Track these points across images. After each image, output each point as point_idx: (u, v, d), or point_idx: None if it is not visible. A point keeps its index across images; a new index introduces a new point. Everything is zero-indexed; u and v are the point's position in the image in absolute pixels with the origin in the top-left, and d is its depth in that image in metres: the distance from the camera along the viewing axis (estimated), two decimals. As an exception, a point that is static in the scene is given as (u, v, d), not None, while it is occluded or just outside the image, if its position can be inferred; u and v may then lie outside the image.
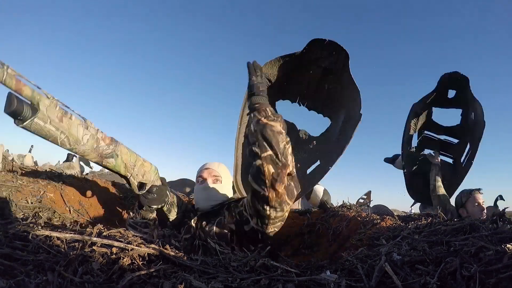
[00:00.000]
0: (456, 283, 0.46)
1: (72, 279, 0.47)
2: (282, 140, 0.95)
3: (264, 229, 1.02)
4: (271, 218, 0.97)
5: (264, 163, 0.91)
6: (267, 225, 1.00)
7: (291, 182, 0.97)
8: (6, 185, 1.16)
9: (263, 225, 1.01)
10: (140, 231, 1.16)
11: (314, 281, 0.53)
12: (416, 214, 1.60)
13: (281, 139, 0.94)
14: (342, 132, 1.85)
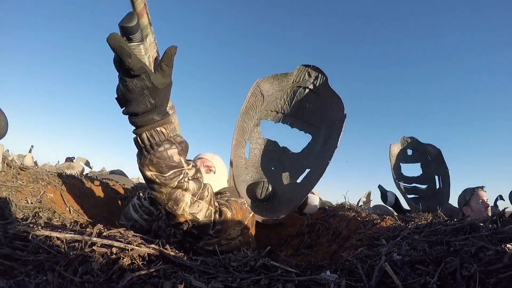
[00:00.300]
0: (456, 283, 0.46)
1: (72, 279, 0.47)
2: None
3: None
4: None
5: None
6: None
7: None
8: (6, 185, 1.16)
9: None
10: (140, 215, 1.17)
11: (314, 281, 0.53)
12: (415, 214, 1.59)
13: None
14: (328, 137, 1.95)
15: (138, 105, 0.71)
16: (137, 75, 0.68)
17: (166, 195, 0.79)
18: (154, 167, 0.75)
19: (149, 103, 0.71)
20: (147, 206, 1.18)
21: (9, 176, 1.26)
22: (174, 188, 0.79)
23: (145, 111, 0.72)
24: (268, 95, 1.95)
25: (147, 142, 0.75)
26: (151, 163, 0.75)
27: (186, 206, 0.82)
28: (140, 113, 0.72)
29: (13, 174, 1.29)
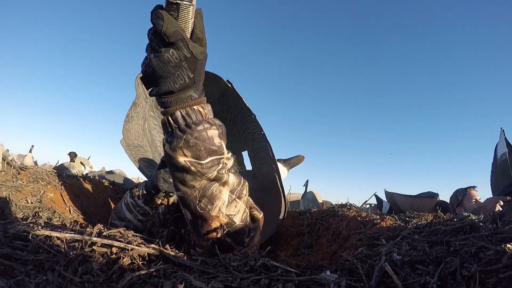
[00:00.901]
0: (456, 283, 0.46)
1: (72, 279, 0.47)
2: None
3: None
4: None
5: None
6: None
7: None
8: (6, 185, 1.16)
9: None
10: (135, 216, 1.06)
11: (314, 281, 0.53)
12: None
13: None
14: (234, 114, 1.75)
15: (175, 80, 0.60)
16: (173, 43, 0.58)
17: (200, 190, 0.64)
18: (190, 150, 0.61)
19: (187, 77, 0.60)
20: (142, 206, 1.07)
21: (9, 176, 1.26)
22: (212, 180, 0.65)
23: (182, 88, 0.61)
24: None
25: (181, 121, 0.63)
26: (186, 145, 0.61)
27: (222, 206, 0.66)
28: (177, 91, 0.61)
29: (13, 174, 1.30)
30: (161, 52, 0.58)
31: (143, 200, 1.07)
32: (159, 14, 0.56)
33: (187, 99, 0.63)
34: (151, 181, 1.05)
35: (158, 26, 0.56)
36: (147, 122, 1.85)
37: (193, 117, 0.63)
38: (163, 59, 0.58)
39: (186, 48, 0.58)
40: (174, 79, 0.60)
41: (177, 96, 0.62)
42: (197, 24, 0.60)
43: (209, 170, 0.64)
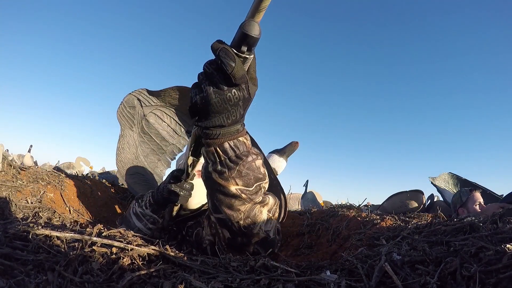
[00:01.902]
0: (456, 283, 0.46)
1: (72, 279, 0.47)
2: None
3: None
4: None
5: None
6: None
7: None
8: (6, 185, 1.16)
9: None
10: (145, 224, 1.08)
11: (314, 281, 0.53)
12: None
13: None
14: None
15: (229, 116, 0.63)
16: (237, 84, 0.60)
17: (245, 213, 0.70)
18: (242, 179, 0.67)
19: (239, 114, 0.63)
20: (151, 215, 1.09)
21: (9, 176, 1.26)
22: (256, 203, 0.71)
23: (233, 123, 0.65)
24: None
25: (231, 152, 0.67)
26: (239, 175, 0.66)
27: (263, 224, 0.73)
28: (227, 125, 0.64)
29: (13, 174, 1.30)
30: (223, 90, 0.60)
31: (151, 209, 1.10)
32: (230, 55, 0.57)
33: (234, 132, 0.66)
34: (160, 193, 1.06)
35: (228, 68, 0.57)
36: (138, 148, 1.87)
37: (240, 148, 0.68)
38: (224, 98, 0.60)
39: (247, 90, 0.61)
40: (228, 115, 0.63)
41: (226, 129, 0.65)
42: (251, 64, 0.63)
43: (256, 195, 0.70)
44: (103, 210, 1.59)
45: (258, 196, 0.71)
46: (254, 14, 0.59)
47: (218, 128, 0.65)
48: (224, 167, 0.67)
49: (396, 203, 2.78)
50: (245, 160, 0.67)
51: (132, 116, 1.75)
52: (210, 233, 1.09)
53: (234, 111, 0.63)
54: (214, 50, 0.58)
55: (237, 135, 0.67)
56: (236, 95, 0.61)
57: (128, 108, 1.71)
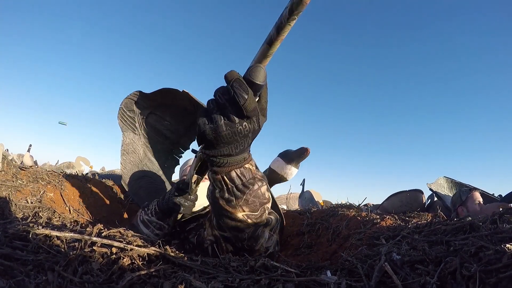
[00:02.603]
0: (456, 283, 0.46)
1: (72, 279, 0.47)
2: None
3: None
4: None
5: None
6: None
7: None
8: (6, 185, 1.16)
9: None
10: (152, 231, 1.11)
11: (314, 281, 0.53)
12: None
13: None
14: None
15: (237, 146, 0.64)
16: (249, 117, 0.60)
17: (249, 233, 0.73)
18: (249, 206, 0.70)
19: (247, 144, 0.65)
20: (157, 221, 1.12)
21: (9, 176, 1.26)
22: (260, 225, 0.74)
23: (240, 152, 0.66)
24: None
25: (238, 181, 0.68)
26: (246, 203, 0.69)
27: (264, 242, 0.77)
28: (235, 154, 0.66)
29: (13, 174, 1.29)
30: (235, 123, 0.60)
31: (156, 217, 1.13)
32: (244, 87, 0.57)
33: (241, 160, 0.68)
34: (166, 203, 1.09)
35: (241, 100, 0.57)
36: (145, 150, 1.86)
37: (246, 176, 0.69)
38: (235, 131, 0.61)
39: (257, 122, 0.62)
40: (236, 146, 0.64)
41: (234, 158, 0.66)
42: (263, 95, 0.63)
43: (261, 218, 0.73)
44: (103, 210, 1.59)
45: (262, 218, 0.74)
46: (262, 59, 0.60)
47: (225, 157, 0.65)
48: (232, 195, 0.69)
49: (395, 203, 2.79)
50: (251, 189, 0.69)
51: (133, 119, 1.74)
52: (211, 234, 1.10)
53: (243, 142, 0.64)
54: (228, 80, 0.58)
55: (244, 163, 0.69)
56: (246, 127, 0.61)
57: (128, 112, 1.69)
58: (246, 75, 0.60)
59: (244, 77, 0.59)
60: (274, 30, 0.57)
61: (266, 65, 0.62)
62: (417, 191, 2.75)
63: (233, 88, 0.57)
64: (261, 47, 0.60)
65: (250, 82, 0.59)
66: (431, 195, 2.93)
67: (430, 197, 2.96)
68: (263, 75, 0.59)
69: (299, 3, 0.52)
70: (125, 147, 1.76)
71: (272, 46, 0.58)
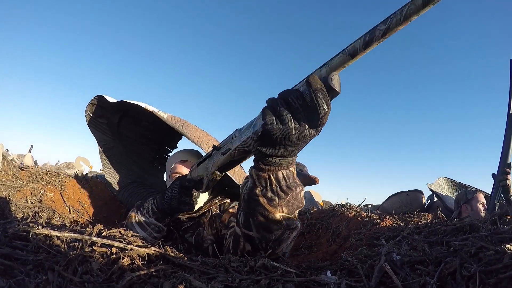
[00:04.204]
0: (456, 283, 0.46)
1: (72, 279, 0.47)
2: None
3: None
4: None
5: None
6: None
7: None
8: (6, 185, 1.16)
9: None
10: (149, 234, 1.05)
11: (314, 281, 0.53)
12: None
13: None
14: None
15: (295, 150, 0.66)
16: (317, 127, 0.63)
17: (276, 235, 0.73)
18: (288, 208, 0.71)
19: (301, 148, 0.68)
20: (156, 223, 1.06)
21: (9, 176, 1.26)
22: (288, 229, 0.74)
23: (294, 155, 0.69)
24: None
25: (283, 182, 0.70)
26: (287, 204, 0.70)
27: (285, 246, 0.77)
28: (289, 157, 0.68)
29: (13, 174, 1.30)
30: (305, 129, 0.61)
31: (154, 217, 1.06)
32: (327, 100, 0.58)
33: (291, 162, 0.70)
34: (167, 203, 1.03)
35: (322, 111, 0.58)
36: (126, 154, 1.74)
37: (290, 178, 0.71)
38: (302, 136, 0.62)
39: (319, 132, 0.64)
40: (295, 149, 0.66)
41: (286, 160, 0.68)
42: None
43: (293, 221, 0.73)
44: (103, 210, 1.59)
45: (294, 222, 0.74)
46: (338, 68, 0.61)
47: (280, 158, 0.67)
48: (275, 195, 0.69)
49: (395, 203, 2.79)
50: (294, 192, 0.70)
51: (106, 125, 1.63)
52: (211, 233, 1.09)
53: (301, 147, 0.66)
54: (313, 88, 0.58)
55: (291, 166, 0.70)
56: (312, 135, 0.63)
57: (98, 118, 1.58)
58: (327, 81, 0.60)
59: (323, 82, 0.59)
60: (361, 44, 0.57)
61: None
62: (417, 191, 2.76)
63: (316, 98, 0.58)
64: (341, 57, 0.60)
65: (330, 88, 0.59)
66: (431, 196, 2.94)
67: (430, 198, 2.97)
68: (340, 84, 0.60)
69: (397, 26, 0.53)
70: (105, 154, 1.66)
71: (354, 59, 0.59)
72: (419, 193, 2.75)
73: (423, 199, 2.77)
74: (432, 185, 2.86)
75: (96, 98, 1.52)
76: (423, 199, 2.76)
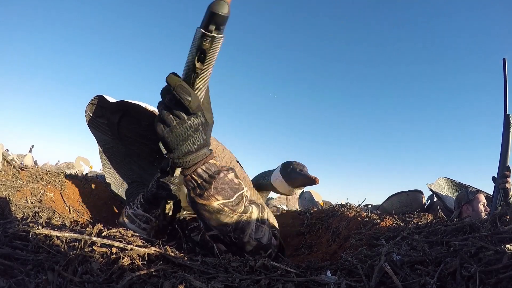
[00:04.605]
0: (456, 283, 0.46)
1: (72, 279, 0.47)
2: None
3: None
4: None
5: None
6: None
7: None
8: (6, 185, 1.16)
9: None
10: (138, 225, 1.06)
11: (314, 281, 0.53)
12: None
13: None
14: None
15: (194, 142, 0.72)
16: (195, 113, 0.69)
17: (232, 225, 0.77)
18: (220, 194, 0.74)
19: (202, 138, 0.73)
20: (143, 214, 1.08)
21: (9, 176, 1.26)
22: (241, 213, 0.77)
23: (199, 148, 0.73)
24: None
25: (204, 175, 0.74)
26: (216, 191, 0.73)
27: (252, 232, 0.80)
28: (195, 150, 0.72)
29: (13, 174, 1.30)
30: (184, 119, 0.69)
31: (142, 209, 1.09)
32: (186, 90, 0.66)
33: (202, 156, 0.74)
34: (149, 190, 1.07)
35: (186, 101, 0.66)
36: (127, 155, 1.74)
37: (212, 169, 0.75)
38: (185, 126, 0.70)
39: (203, 116, 0.71)
40: (193, 141, 0.72)
41: (195, 155, 0.73)
42: (206, 97, 0.73)
43: (238, 206, 0.76)
44: (103, 210, 1.59)
45: (240, 206, 0.77)
46: None
47: (187, 155, 0.72)
48: (202, 189, 0.74)
49: (395, 203, 2.78)
50: (217, 177, 0.74)
51: (106, 125, 1.61)
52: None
53: (197, 136, 0.72)
54: (172, 86, 0.66)
55: (207, 159, 0.75)
56: (195, 122, 0.70)
57: (98, 118, 1.56)
58: (207, 11, 0.60)
59: (208, 11, 0.61)
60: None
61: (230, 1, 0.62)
62: (417, 191, 2.76)
63: (177, 93, 0.65)
64: None
65: (212, 14, 0.60)
66: (431, 196, 2.94)
67: (430, 198, 2.97)
68: (226, 7, 0.60)
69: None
70: (105, 154, 1.64)
71: None
72: (419, 193, 2.75)
73: (423, 199, 2.77)
74: (432, 185, 2.86)
75: (96, 98, 1.52)
76: (423, 199, 2.76)
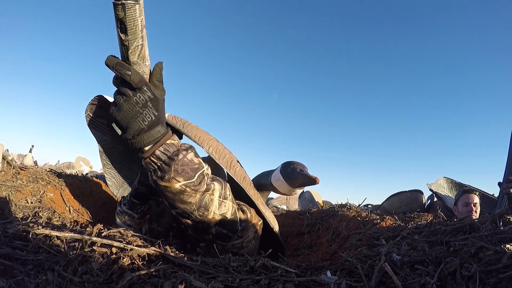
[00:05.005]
0: (456, 283, 0.46)
1: (72, 279, 0.47)
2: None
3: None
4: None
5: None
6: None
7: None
8: (6, 185, 1.16)
9: None
10: (124, 222, 1.09)
11: (314, 281, 0.53)
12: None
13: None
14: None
15: (144, 118, 0.70)
16: (139, 88, 0.68)
17: (196, 204, 0.77)
18: (181, 175, 0.73)
19: (153, 115, 0.71)
20: (126, 211, 1.10)
21: (9, 176, 1.26)
22: (204, 192, 0.78)
23: (150, 125, 0.71)
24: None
25: (163, 157, 0.73)
26: (176, 173, 0.73)
27: (215, 209, 0.81)
28: (147, 128, 0.71)
29: (13, 174, 1.29)
30: (130, 96, 0.68)
31: (127, 206, 1.11)
32: (124, 66, 0.66)
33: (156, 134, 0.73)
34: (134, 186, 1.09)
35: (127, 77, 0.66)
36: (128, 154, 1.75)
37: (170, 150, 0.74)
38: (132, 102, 0.68)
39: (149, 91, 0.70)
40: (143, 118, 0.70)
41: (148, 133, 0.71)
42: (155, 75, 0.72)
43: (200, 185, 0.77)
44: (103, 210, 1.59)
45: (202, 185, 0.77)
46: None
47: (141, 134, 0.71)
48: (162, 171, 0.73)
49: (395, 203, 2.78)
50: (176, 159, 0.73)
51: (104, 124, 1.64)
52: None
53: (146, 113, 0.70)
54: (111, 66, 0.66)
55: (163, 139, 0.73)
56: (141, 97, 0.69)
57: (98, 119, 1.57)
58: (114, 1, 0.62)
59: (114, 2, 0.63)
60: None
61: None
62: (417, 191, 2.75)
63: (117, 71, 0.66)
64: None
65: (115, 4, 0.62)
66: (431, 196, 2.93)
67: (430, 198, 2.97)
68: None
69: None
70: (105, 155, 1.64)
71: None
72: (419, 193, 2.74)
73: (423, 199, 2.77)
74: (432, 185, 2.86)
75: (96, 98, 1.52)
76: (423, 199, 2.76)
